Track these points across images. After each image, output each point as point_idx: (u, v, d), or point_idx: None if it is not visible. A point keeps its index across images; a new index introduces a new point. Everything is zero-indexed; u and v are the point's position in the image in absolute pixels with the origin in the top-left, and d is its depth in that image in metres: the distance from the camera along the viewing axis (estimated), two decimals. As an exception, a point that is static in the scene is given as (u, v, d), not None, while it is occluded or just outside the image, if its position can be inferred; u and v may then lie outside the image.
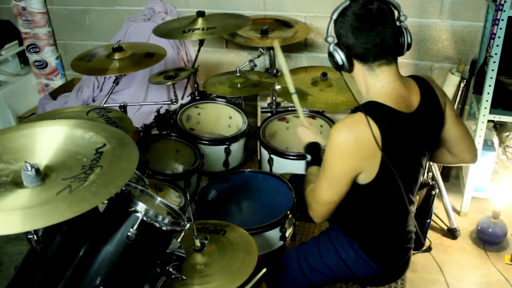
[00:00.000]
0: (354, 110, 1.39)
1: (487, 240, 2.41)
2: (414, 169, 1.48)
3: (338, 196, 1.43)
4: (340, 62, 1.39)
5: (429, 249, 2.38)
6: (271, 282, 1.59)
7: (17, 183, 1.00)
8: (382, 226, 1.52)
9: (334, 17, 1.36)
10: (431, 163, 2.48)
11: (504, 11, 2.12)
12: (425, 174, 2.22)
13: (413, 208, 1.55)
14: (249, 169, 2.13)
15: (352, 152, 1.34)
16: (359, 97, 1.47)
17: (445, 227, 2.54)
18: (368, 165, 1.36)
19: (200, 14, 2.31)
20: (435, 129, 1.49)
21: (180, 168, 2.04)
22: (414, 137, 1.42)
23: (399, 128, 1.37)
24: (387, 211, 1.50)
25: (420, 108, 1.42)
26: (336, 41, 1.39)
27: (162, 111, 2.25)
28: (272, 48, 2.62)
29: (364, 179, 1.40)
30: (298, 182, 1.86)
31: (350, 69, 1.41)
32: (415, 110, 1.40)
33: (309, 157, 1.64)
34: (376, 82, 1.38)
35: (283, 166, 2.10)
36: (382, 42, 1.33)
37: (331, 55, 1.40)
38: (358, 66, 1.39)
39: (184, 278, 1.27)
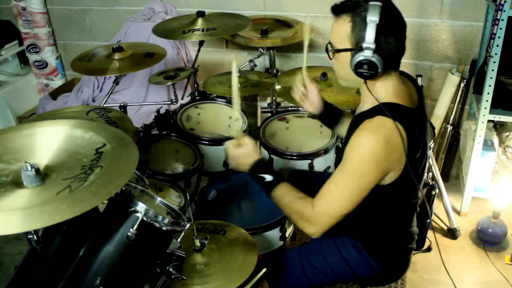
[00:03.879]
0: (370, 114, 1.33)
1: (487, 240, 2.41)
2: (425, 165, 1.48)
3: (355, 206, 1.35)
4: (380, 70, 1.30)
5: (429, 249, 2.38)
6: (272, 282, 1.59)
7: (17, 183, 1.00)
8: (388, 226, 1.52)
9: (376, 20, 1.25)
10: (431, 163, 2.48)
11: (504, 11, 2.12)
12: (425, 174, 2.23)
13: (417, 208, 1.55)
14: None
15: (385, 155, 1.29)
16: (353, 99, 1.44)
17: (445, 227, 2.54)
18: (394, 166, 1.33)
19: (200, 14, 2.31)
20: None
21: (180, 168, 2.04)
22: (424, 131, 1.42)
23: (414, 124, 1.37)
24: (395, 211, 1.49)
25: (419, 102, 1.43)
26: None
27: (162, 111, 2.25)
28: (272, 48, 2.62)
29: (384, 181, 1.37)
30: (298, 178, 1.85)
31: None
32: (418, 105, 1.41)
33: (269, 177, 1.45)
34: (389, 85, 1.36)
35: (283, 166, 2.10)
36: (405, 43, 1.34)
37: (367, 64, 1.28)
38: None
39: (184, 278, 1.27)
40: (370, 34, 1.26)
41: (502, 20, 2.13)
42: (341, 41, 1.33)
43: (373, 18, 1.25)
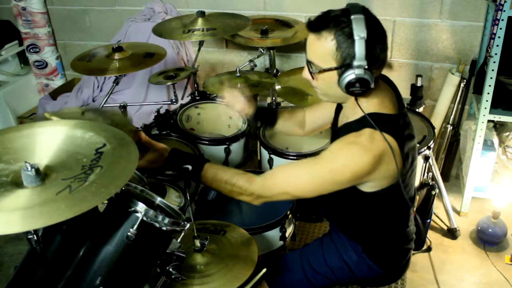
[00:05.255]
0: (357, 126, 1.32)
1: (487, 240, 2.41)
2: (415, 168, 1.48)
3: (312, 196, 1.37)
4: (372, 86, 1.27)
5: (429, 249, 2.38)
6: (272, 283, 1.59)
7: (17, 183, 1.00)
8: (386, 229, 1.52)
9: (365, 35, 1.20)
10: (431, 163, 2.48)
11: (504, 11, 2.12)
12: (425, 174, 2.23)
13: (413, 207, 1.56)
14: (249, 169, 2.13)
15: (368, 170, 1.28)
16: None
17: (445, 227, 2.54)
18: (381, 176, 1.33)
19: (200, 14, 2.31)
20: None
21: (180, 168, 2.04)
22: (411, 134, 1.42)
23: (403, 130, 1.36)
24: (392, 214, 1.49)
25: (399, 105, 1.41)
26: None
27: (162, 111, 2.25)
28: (272, 48, 2.62)
29: (373, 187, 1.37)
30: None
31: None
32: (399, 109, 1.39)
33: (189, 166, 1.48)
34: (374, 95, 1.35)
35: (283, 166, 2.10)
36: None
37: (360, 81, 1.24)
38: None
39: (184, 278, 1.27)
40: (360, 51, 1.21)
41: (502, 20, 2.13)
42: (325, 60, 1.27)
43: (361, 34, 1.20)
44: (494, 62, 2.22)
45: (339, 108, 1.54)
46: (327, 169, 1.32)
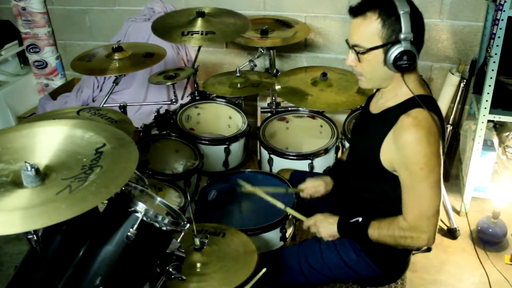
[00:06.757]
0: (404, 108, 1.33)
1: (487, 240, 2.41)
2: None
3: (441, 196, 1.36)
4: (417, 59, 1.31)
5: (429, 249, 2.37)
6: (269, 278, 1.59)
7: (17, 183, 1.00)
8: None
9: (408, 9, 1.26)
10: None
11: (504, 11, 2.12)
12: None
13: None
14: (249, 169, 2.13)
15: (437, 140, 1.31)
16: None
17: (445, 227, 2.54)
18: None
19: (200, 14, 2.29)
20: None
21: (180, 168, 2.04)
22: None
23: (441, 113, 1.39)
24: (395, 213, 1.49)
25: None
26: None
27: (162, 111, 2.25)
28: (272, 48, 2.62)
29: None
30: (299, 179, 1.84)
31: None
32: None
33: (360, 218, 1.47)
34: (414, 77, 1.38)
35: (283, 166, 2.10)
36: None
37: (407, 54, 1.28)
38: None
39: (184, 278, 1.27)
40: (406, 25, 1.27)
41: (502, 20, 2.13)
42: (371, 39, 1.31)
43: (405, 9, 1.26)
44: (494, 62, 2.22)
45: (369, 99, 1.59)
46: (419, 169, 1.31)
